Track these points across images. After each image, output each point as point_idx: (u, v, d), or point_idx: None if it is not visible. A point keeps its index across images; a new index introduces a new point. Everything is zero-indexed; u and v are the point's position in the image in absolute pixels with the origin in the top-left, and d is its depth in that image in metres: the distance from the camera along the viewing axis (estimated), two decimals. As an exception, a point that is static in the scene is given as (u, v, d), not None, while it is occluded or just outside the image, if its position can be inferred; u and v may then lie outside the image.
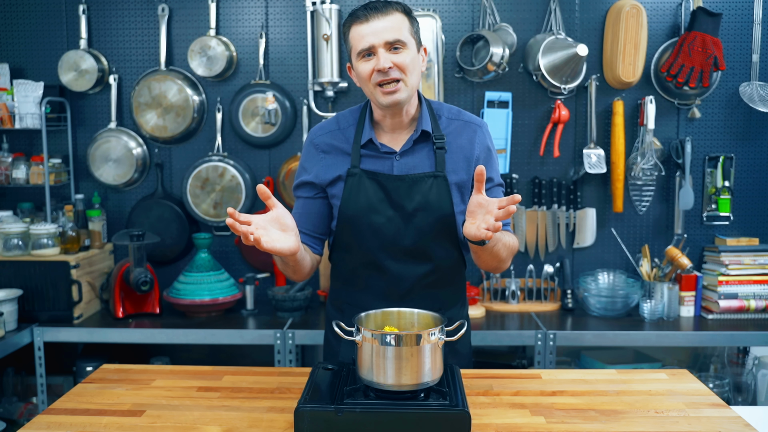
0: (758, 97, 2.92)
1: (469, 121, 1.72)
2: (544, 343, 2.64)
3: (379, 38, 1.56)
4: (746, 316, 2.86)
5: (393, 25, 1.57)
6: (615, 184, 2.96)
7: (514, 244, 1.66)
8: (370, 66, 1.58)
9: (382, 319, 1.52)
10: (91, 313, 2.91)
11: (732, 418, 1.44)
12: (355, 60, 1.62)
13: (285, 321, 2.79)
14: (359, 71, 1.61)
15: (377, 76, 1.57)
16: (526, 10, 3.00)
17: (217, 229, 3.14)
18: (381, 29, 1.56)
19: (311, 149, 1.73)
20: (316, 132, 1.74)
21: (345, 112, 1.76)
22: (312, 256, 1.71)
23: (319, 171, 1.70)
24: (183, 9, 3.05)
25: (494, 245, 1.54)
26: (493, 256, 1.58)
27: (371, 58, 1.58)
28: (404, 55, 1.58)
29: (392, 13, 1.58)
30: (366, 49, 1.57)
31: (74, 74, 3.01)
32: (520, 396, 1.56)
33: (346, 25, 1.64)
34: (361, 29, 1.58)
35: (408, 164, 1.66)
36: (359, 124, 1.70)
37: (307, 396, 1.38)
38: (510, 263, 1.72)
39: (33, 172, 2.97)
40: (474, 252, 1.59)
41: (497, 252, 1.57)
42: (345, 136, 1.70)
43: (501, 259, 1.62)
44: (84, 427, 1.40)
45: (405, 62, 1.57)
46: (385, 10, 1.58)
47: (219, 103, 3.07)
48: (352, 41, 1.61)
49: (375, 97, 1.61)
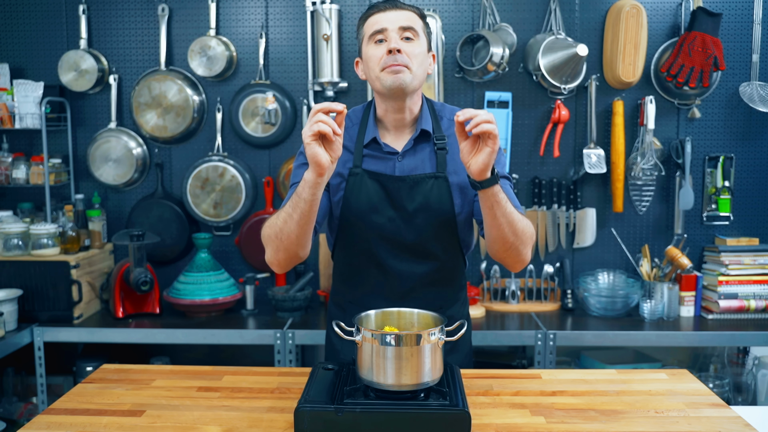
0: (758, 97, 2.92)
1: None
2: (544, 343, 2.64)
3: (393, 23, 1.59)
4: (746, 316, 2.86)
5: (408, 17, 1.61)
6: (615, 184, 2.96)
7: (527, 224, 1.55)
8: (380, 50, 1.59)
9: (382, 319, 1.52)
10: (91, 313, 2.91)
11: (732, 418, 1.44)
12: (365, 45, 1.63)
13: (285, 321, 2.79)
14: (368, 55, 1.61)
15: (386, 59, 1.57)
16: (526, 10, 3.00)
17: (217, 229, 3.14)
18: (395, 17, 1.60)
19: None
20: None
21: (350, 111, 1.75)
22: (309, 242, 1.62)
23: None
24: (183, 9, 3.05)
25: (505, 201, 1.46)
26: (508, 221, 1.47)
27: (382, 44, 1.59)
28: (415, 45, 1.60)
29: (408, 10, 1.63)
30: (379, 31, 1.59)
31: (74, 74, 3.01)
32: (520, 396, 1.56)
33: (361, 19, 1.66)
34: (376, 17, 1.62)
35: (410, 165, 1.67)
36: (363, 123, 1.70)
37: (307, 396, 1.38)
38: (529, 252, 1.58)
39: (33, 172, 2.97)
40: (487, 209, 1.47)
41: (510, 215, 1.47)
42: (348, 134, 1.70)
43: (516, 231, 1.49)
44: (84, 427, 1.40)
45: (414, 51, 1.59)
46: (402, 6, 1.63)
47: (219, 103, 3.07)
48: (366, 28, 1.63)
49: (380, 80, 1.59)
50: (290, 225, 1.50)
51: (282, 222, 1.52)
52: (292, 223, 1.49)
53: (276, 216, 1.56)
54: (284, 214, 1.51)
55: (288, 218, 1.50)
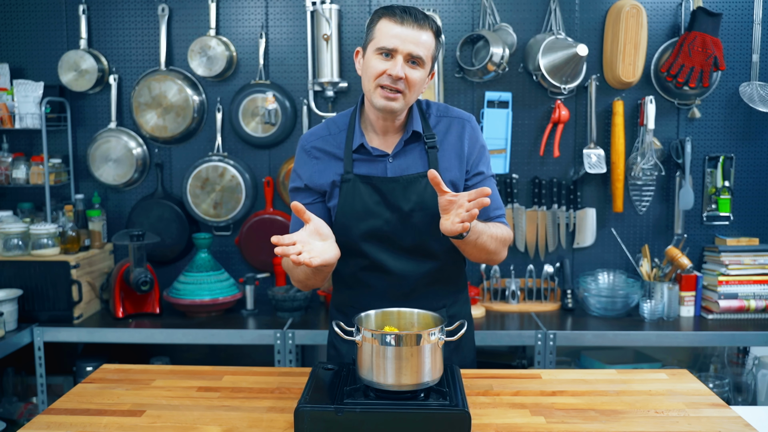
0: (758, 97, 2.92)
1: (457, 116, 1.73)
2: (544, 343, 2.64)
3: (405, 46, 1.56)
4: (746, 316, 2.86)
5: (422, 40, 1.57)
6: (615, 184, 2.96)
7: (504, 235, 1.68)
8: (383, 66, 1.57)
9: (382, 319, 1.52)
10: (91, 313, 2.91)
11: (732, 418, 1.44)
12: (370, 51, 1.61)
13: (285, 321, 2.79)
14: (370, 65, 1.60)
15: (385, 78, 1.57)
16: (526, 10, 3.00)
17: (217, 229, 3.14)
18: (411, 38, 1.56)
19: (303, 155, 1.73)
20: (307, 138, 1.74)
21: (335, 116, 1.76)
22: None
23: (312, 176, 1.70)
24: (183, 9, 3.05)
25: (477, 238, 1.56)
26: (479, 249, 1.61)
27: (388, 59, 1.57)
28: (417, 72, 1.59)
29: (426, 30, 1.58)
30: (389, 49, 1.56)
31: (74, 74, 3.01)
32: (520, 396, 1.56)
33: (377, 15, 1.62)
34: (392, 27, 1.57)
35: (401, 165, 1.67)
36: (350, 128, 1.70)
37: (307, 396, 1.38)
38: (505, 254, 1.71)
39: (33, 172, 2.97)
40: (458, 246, 1.61)
41: (483, 244, 1.59)
42: (336, 141, 1.70)
43: (489, 251, 1.63)
44: (84, 427, 1.41)
45: (415, 80, 1.58)
46: (421, 23, 1.58)
47: (219, 103, 3.07)
48: (377, 33, 1.59)
49: (372, 95, 1.61)
50: (316, 280, 1.64)
51: (310, 277, 1.62)
52: (318, 278, 1.63)
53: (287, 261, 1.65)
54: (311, 274, 1.61)
55: (312, 277, 1.63)
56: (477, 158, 1.71)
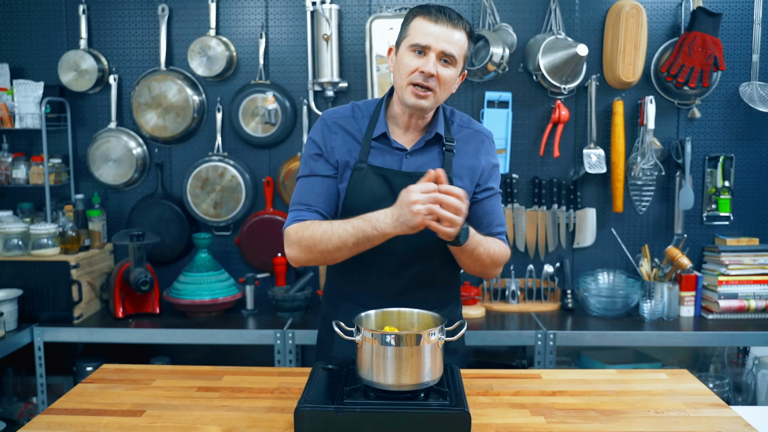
0: (758, 97, 2.92)
1: (479, 130, 1.76)
2: (544, 343, 2.64)
3: (438, 44, 1.57)
4: (746, 316, 2.86)
5: (455, 39, 1.58)
6: (615, 184, 2.96)
7: (500, 252, 1.68)
8: (416, 63, 1.58)
9: (382, 319, 1.52)
10: (91, 313, 2.91)
11: (732, 418, 1.44)
12: (404, 48, 1.62)
13: (285, 321, 2.79)
14: (403, 62, 1.61)
15: (417, 76, 1.58)
16: (526, 10, 3.00)
17: (217, 229, 3.14)
18: (444, 37, 1.57)
19: (323, 127, 1.72)
20: (330, 115, 1.74)
21: (361, 102, 1.77)
22: None
23: (328, 147, 1.69)
24: (183, 9, 3.05)
25: (474, 248, 1.58)
26: (474, 260, 1.62)
27: (421, 56, 1.58)
28: (449, 71, 1.60)
29: (459, 29, 1.60)
30: (422, 46, 1.57)
31: (74, 74, 3.01)
32: (520, 396, 1.56)
33: (411, 13, 1.63)
34: (426, 25, 1.58)
35: (416, 162, 1.68)
36: (374, 116, 1.71)
37: (307, 396, 1.38)
38: (498, 272, 1.72)
39: (33, 172, 2.97)
40: (454, 254, 1.63)
41: (478, 255, 1.61)
42: (358, 126, 1.71)
43: (484, 265, 1.65)
44: (84, 427, 1.40)
45: (446, 78, 1.60)
46: (455, 23, 1.59)
47: (219, 103, 3.07)
48: (411, 31, 1.60)
49: (402, 92, 1.62)
50: (342, 251, 1.58)
51: (328, 241, 1.57)
52: (345, 250, 1.57)
53: (319, 229, 1.58)
54: (337, 240, 1.56)
55: (342, 245, 1.56)
56: (489, 174, 1.73)
